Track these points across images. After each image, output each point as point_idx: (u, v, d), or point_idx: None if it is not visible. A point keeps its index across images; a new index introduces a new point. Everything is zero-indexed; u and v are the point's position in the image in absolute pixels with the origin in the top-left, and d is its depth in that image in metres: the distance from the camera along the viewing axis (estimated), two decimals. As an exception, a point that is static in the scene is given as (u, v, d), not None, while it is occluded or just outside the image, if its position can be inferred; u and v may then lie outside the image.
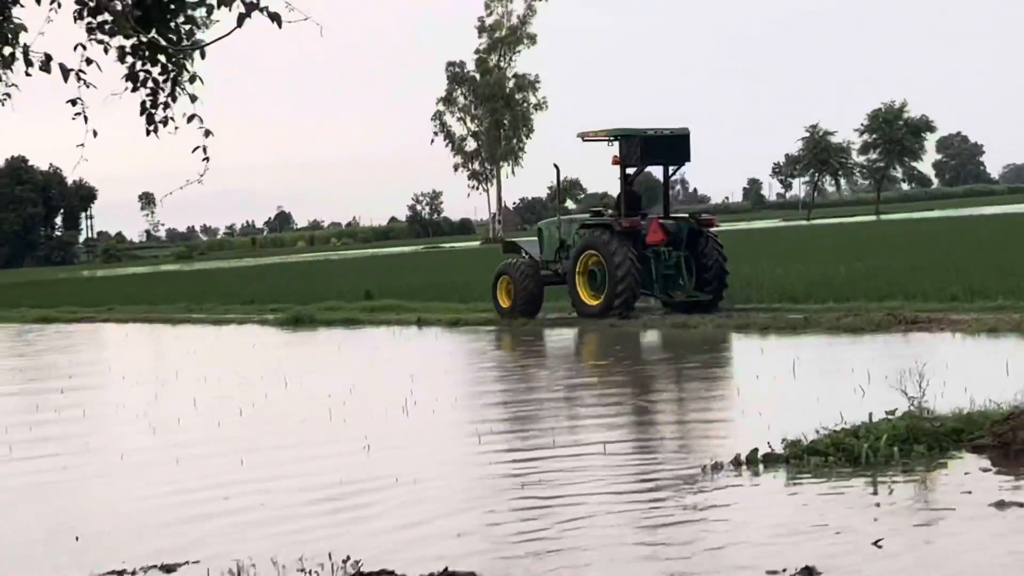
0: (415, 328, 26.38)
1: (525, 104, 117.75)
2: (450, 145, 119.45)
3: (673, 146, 25.13)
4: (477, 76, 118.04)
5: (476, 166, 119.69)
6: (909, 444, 10.12)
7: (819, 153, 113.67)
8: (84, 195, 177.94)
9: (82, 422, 15.15)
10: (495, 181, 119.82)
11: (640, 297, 24.78)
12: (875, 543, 7.63)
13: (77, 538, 8.82)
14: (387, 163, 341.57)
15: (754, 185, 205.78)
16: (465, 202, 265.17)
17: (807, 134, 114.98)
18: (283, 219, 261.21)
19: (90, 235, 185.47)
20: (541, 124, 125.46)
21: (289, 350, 24.37)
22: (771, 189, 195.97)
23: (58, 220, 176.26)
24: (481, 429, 12.59)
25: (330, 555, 7.73)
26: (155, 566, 7.81)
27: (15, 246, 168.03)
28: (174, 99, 6.79)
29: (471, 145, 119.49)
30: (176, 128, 6.71)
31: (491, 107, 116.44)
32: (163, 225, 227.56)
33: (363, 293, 33.76)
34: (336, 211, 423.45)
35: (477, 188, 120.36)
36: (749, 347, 19.28)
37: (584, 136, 25.59)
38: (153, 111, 6.83)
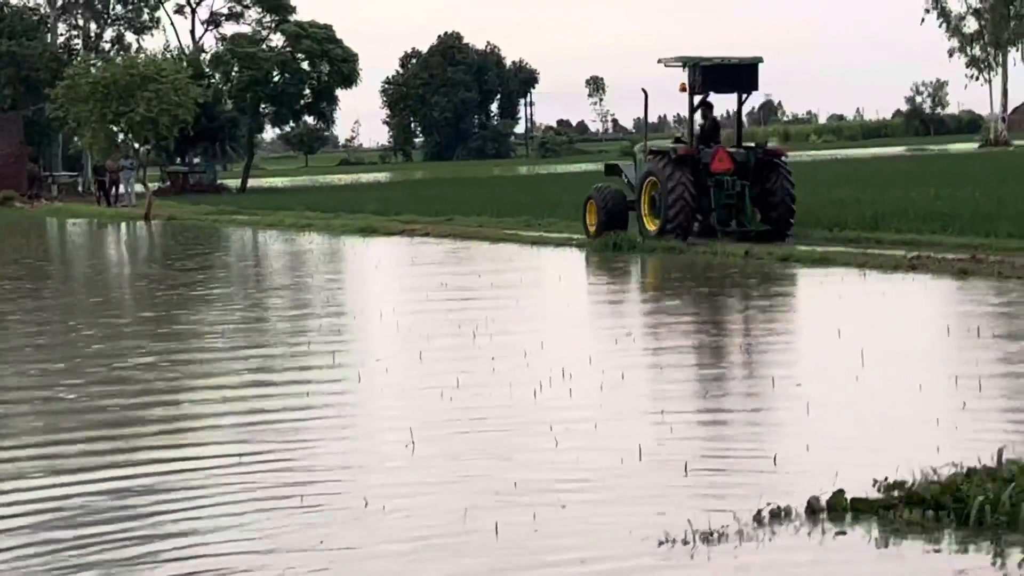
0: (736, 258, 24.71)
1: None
2: (944, 25, 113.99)
3: (736, 75, 28.87)
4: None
5: (976, 51, 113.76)
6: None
7: None
8: (524, 78, 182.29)
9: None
10: (1000, 70, 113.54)
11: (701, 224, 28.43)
12: None
13: None
14: (890, 47, 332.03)
15: None
16: (978, 95, 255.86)
17: None
18: (768, 109, 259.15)
19: (530, 124, 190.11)
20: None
21: (554, 284, 23.31)
22: None
23: (494, 107, 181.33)
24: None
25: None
26: None
27: (446, 135, 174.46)
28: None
29: (971, 25, 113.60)
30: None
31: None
32: (612, 115, 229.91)
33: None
34: (835, 101, 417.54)
35: (976, 78, 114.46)
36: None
37: (663, 62, 29.40)
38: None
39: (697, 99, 29.26)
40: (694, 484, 8.97)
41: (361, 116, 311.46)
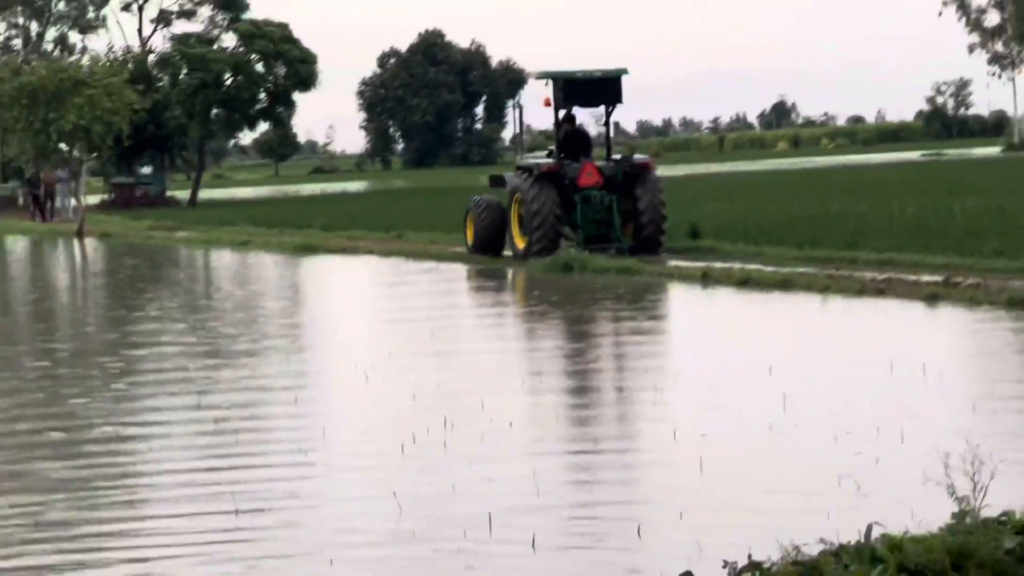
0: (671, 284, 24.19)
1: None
2: (964, 18, 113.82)
3: (598, 89, 31.17)
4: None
5: (999, 47, 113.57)
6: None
7: None
8: (512, 79, 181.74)
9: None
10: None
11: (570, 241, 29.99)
12: None
13: None
14: (910, 43, 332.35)
15: None
16: (1009, 94, 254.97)
17: None
18: (780, 111, 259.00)
19: (518, 128, 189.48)
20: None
21: (474, 311, 22.86)
22: None
23: (479, 110, 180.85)
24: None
25: None
26: None
27: (427, 140, 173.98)
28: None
29: (992, 19, 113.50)
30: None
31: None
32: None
33: (690, 228, 31.68)
34: (854, 102, 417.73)
35: (999, 76, 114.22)
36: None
37: (532, 76, 32.63)
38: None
39: (562, 114, 31.10)
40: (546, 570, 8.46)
41: (338, 121, 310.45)
